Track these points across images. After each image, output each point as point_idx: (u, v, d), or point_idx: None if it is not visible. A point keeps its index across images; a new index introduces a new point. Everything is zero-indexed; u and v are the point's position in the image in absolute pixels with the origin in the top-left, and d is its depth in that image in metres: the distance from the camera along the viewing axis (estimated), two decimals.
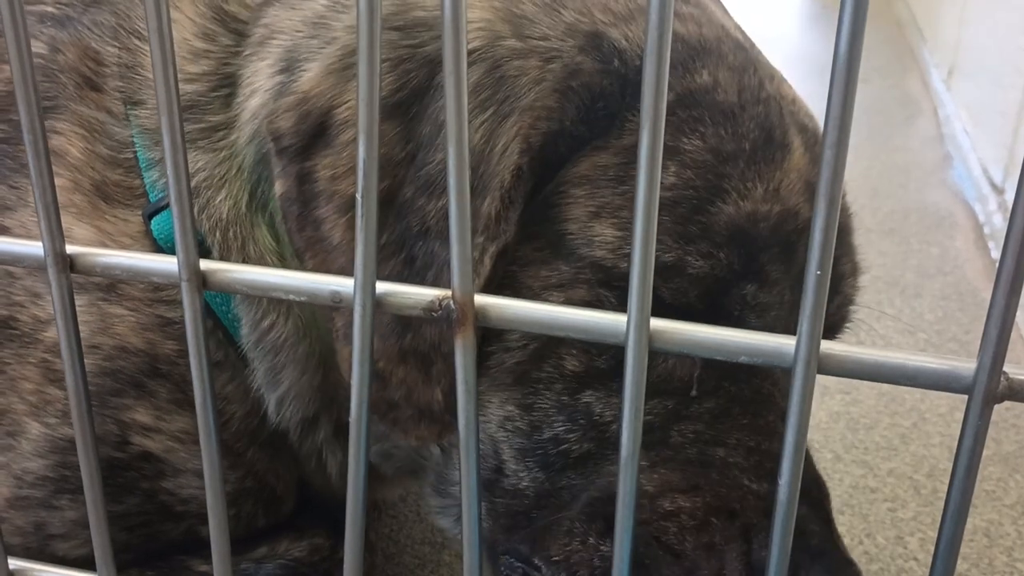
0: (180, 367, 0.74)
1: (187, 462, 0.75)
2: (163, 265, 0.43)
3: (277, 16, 0.74)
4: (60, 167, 0.73)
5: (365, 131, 0.38)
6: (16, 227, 0.72)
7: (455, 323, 0.41)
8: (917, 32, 3.15)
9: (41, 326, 0.72)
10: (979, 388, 0.37)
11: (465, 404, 0.41)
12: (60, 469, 0.73)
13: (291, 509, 0.84)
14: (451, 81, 0.37)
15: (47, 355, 0.72)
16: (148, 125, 0.74)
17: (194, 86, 0.74)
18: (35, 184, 0.43)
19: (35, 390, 0.72)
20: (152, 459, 0.74)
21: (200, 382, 0.44)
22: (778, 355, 0.39)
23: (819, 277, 0.37)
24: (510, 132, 0.61)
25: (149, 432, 0.73)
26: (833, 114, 0.34)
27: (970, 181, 2.00)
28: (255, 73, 0.72)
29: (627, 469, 0.41)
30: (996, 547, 1.05)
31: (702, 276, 0.63)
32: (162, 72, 0.39)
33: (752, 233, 0.63)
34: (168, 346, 0.73)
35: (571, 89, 0.63)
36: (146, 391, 0.73)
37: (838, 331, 0.77)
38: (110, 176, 0.73)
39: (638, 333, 0.39)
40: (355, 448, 0.44)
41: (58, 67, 0.75)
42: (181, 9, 0.76)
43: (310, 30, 0.71)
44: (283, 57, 0.71)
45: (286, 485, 0.82)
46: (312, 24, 0.71)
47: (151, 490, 0.75)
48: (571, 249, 0.63)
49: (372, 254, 0.41)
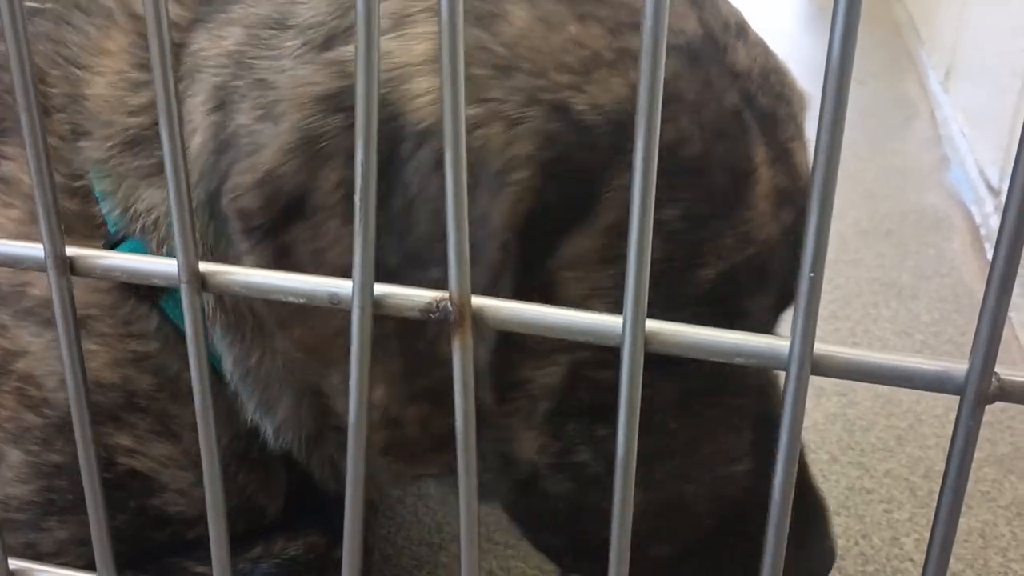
0: (159, 401, 0.73)
1: (171, 483, 0.75)
2: (163, 267, 0.43)
3: (200, 45, 0.71)
4: (13, 197, 0.71)
5: (363, 133, 0.38)
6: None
7: (453, 324, 0.41)
8: (914, 34, 3.16)
9: (11, 357, 0.71)
10: (971, 389, 0.38)
11: (463, 405, 0.42)
12: (45, 493, 0.73)
13: (276, 515, 0.83)
14: (448, 83, 0.37)
15: (20, 383, 0.71)
16: (97, 156, 0.72)
17: (138, 119, 0.71)
18: (35, 185, 0.43)
19: (11, 417, 0.72)
20: (139, 477, 0.74)
21: (200, 383, 0.44)
22: (773, 356, 0.39)
23: (812, 279, 0.37)
24: (491, 204, 0.59)
25: (133, 453, 0.73)
26: (826, 118, 0.34)
27: (967, 183, 2.01)
28: (192, 109, 0.69)
29: (623, 469, 0.42)
30: (991, 548, 1.05)
31: None
32: (161, 74, 0.40)
33: (732, 286, 0.64)
34: (145, 381, 0.73)
35: (548, 162, 0.60)
36: (125, 423, 0.72)
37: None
38: (68, 206, 0.71)
39: (634, 334, 0.40)
40: (354, 449, 0.44)
41: (4, 87, 0.73)
42: (113, 39, 0.74)
43: (234, 68, 0.68)
44: (213, 95, 0.69)
45: (277, 500, 0.82)
46: (236, 62, 0.69)
47: (139, 507, 0.75)
48: None
49: (370, 255, 0.41)
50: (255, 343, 0.71)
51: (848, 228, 1.84)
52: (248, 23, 0.70)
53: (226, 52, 0.69)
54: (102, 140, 0.72)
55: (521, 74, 0.61)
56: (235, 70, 0.68)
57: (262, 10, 0.70)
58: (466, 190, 0.40)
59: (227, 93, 0.68)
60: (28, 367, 0.71)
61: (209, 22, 0.72)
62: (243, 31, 0.69)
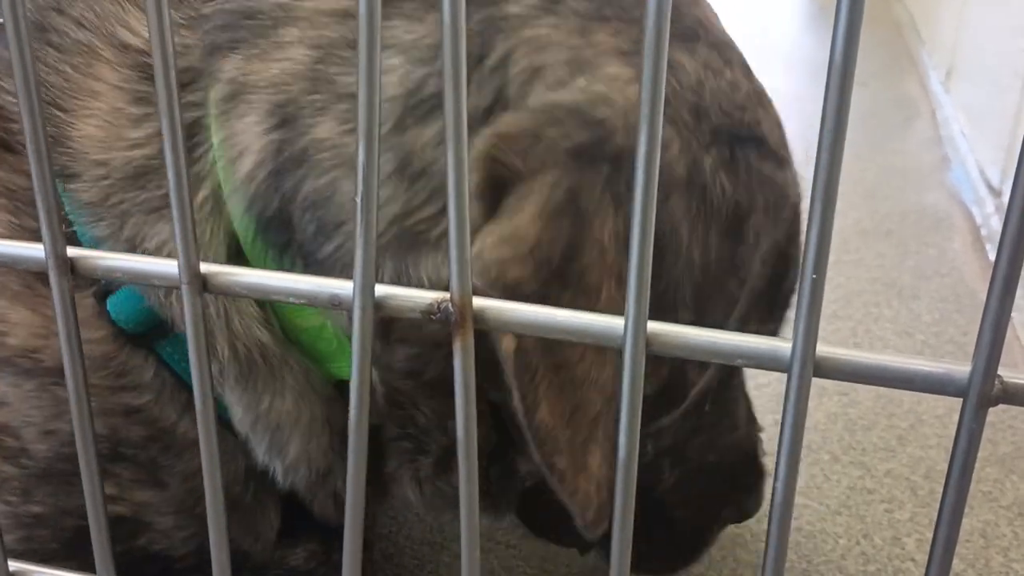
0: (148, 451, 0.71)
1: (155, 525, 0.74)
2: (164, 268, 0.43)
3: (242, 69, 0.67)
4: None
5: (365, 135, 0.38)
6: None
7: (454, 325, 0.41)
8: (915, 34, 3.16)
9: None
10: (973, 391, 0.38)
11: (464, 406, 0.42)
12: (27, 543, 0.72)
13: (261, 556, 0.82)
14: (450, 84, 0.37)
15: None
16: (88, 199, 0.68)
17: (143, 150, 0.68)
18: (36, 186, 0.43)
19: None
20: (124, 520, 0.73)
21: (200, 385, 0.44)
22: (774, 358, 0.39)
23: (815, 281, 0.37)
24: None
25: (116, 500, 0.72)
26: (828, 119, 0.34)
27: (968, 183, 2.01)
28: (240, 131, 0.66)
29: (624, 470, 0.41)
30: (992, 548, 1.05)
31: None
32: (163, 78, 0.40)
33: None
34: (134, 431, 0.71)
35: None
36: (109, 474, 0.70)
37: None
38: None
39: (635, 336, 0.40)
40: (354, 450, 0.44)
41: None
42: (102, 79, 0.70)
43: (306, 84, 0.66)
44: (273, 113, 0.66)
45: (265, 539, 0.81)
46: (308, 79, 0.66)
47: (126, 550, 0.73)
48: None
49: (371, 255, 0.41)
50: (265, 388, 0.70)
51: (849, 228, 1.84)
52: (315, 44, 0.67)
53: (289, 72, 0.66)
54: (93, 181, 0.68)
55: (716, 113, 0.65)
56: (307, 86, 0.66)
57: (331, 32, 0.67)
58: (467, 190, 0.39)
59: (296, 109, 0.65)
60: (5, 418, 0.69)
61: (240, 49, 0.68)
62: (310, 51, 0.67)
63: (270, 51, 0.68)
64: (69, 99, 0.70)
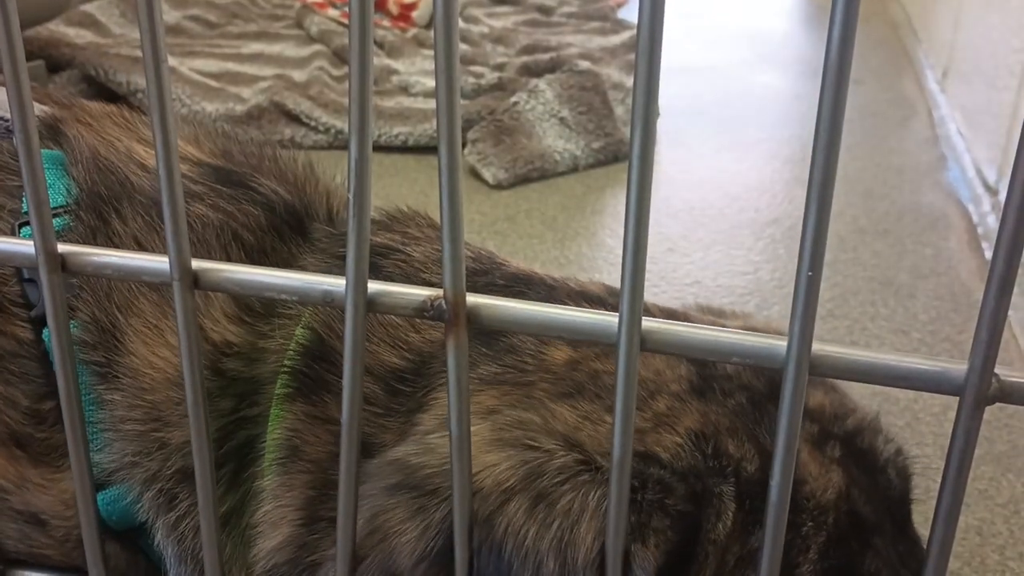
0: None
1: None
2: (153, 264, 0.43)
3: (300, 426, 0.62)
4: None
5: (357, 131, 0.38)
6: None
7: (448, 323, 0.41)
8: (912, 33, 3.16)
9: None
10: (970, 390, 0.37)
11: (457, 405, 0.41)
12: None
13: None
14: (443, 80, 0.37)
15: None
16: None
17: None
18: (26, 183, 0.43)
19: None
20: None
21: (192, 389, 0.44)
22: (770, 356, 0.39)
23: (810, 278, 0.37)
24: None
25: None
26: (824, 117, 0.34)
27: (964, 182, 2.01)
28: (277, 508, 0.61)
29: (619, 471, 0.41)
30: (988, 545, 1.05)
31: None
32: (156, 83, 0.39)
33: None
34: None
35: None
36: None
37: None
38: (32, 432, 0.65)
39: (629, 333, 0.39)
40: (347, 455, 0.44)
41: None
42: None
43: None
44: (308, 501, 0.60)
45: None
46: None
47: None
48: None
49: (364, 253, 0.41)
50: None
51: (846, 227, 1.84)
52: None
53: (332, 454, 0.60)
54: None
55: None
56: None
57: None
58: (460, 188, 0.39)
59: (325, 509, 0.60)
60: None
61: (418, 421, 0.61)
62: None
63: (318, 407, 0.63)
64: None
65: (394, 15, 3.02)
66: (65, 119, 0.73)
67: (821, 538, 0.55)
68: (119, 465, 0.64)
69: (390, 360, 0.60)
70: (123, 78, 2.24)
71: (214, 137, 0.75)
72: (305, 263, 0.67)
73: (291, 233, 0.69)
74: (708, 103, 2.57)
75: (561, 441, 0.52)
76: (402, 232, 0.70)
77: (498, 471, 0.50)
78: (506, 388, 0.57)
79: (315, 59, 2.59)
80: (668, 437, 0.55)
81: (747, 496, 0.54)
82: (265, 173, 0.72)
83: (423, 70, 2.54)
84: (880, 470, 0.60)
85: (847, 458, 0.58)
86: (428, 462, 0.52)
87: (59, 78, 2.27)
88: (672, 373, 0.58)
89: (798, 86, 2.69)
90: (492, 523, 0.49)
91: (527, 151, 2.06)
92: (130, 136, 0.72)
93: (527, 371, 0.58)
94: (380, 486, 0.52)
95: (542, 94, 2.19)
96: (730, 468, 0.54)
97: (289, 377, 0.61)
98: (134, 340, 0.63)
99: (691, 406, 0.57)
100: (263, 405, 0.62)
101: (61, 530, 0.65)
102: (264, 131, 2.20)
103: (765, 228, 1.85)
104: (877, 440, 0.61)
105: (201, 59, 2.51)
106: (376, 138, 2.17)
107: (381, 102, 2.30)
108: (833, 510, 0.55)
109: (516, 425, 0.53)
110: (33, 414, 0.64)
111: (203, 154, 0.72)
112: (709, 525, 0.53)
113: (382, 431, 0.58)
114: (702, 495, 0.53)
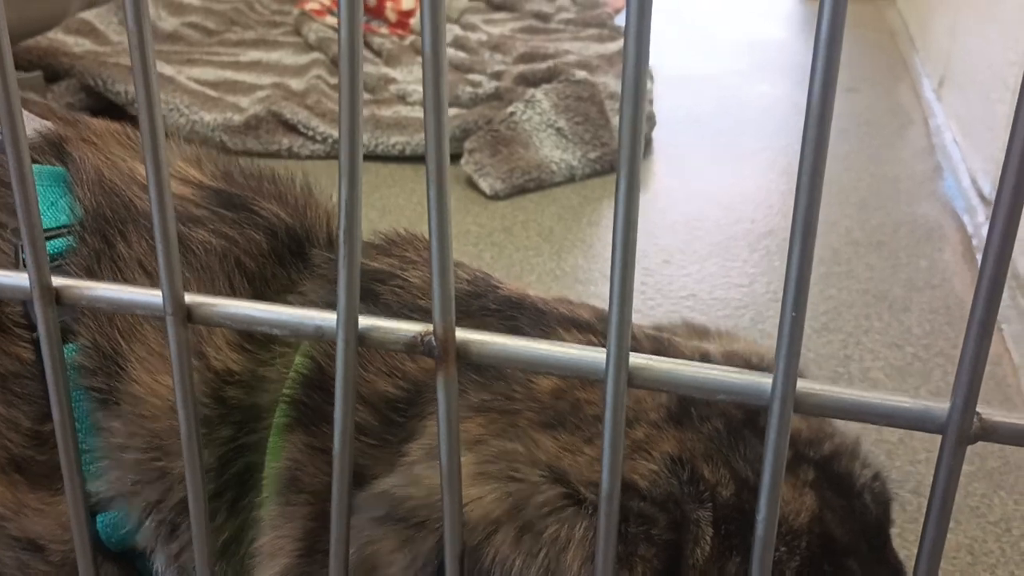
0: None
1: None
2: (147, 298, 0.43)
3: (300, 457, 0.61)
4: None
5: (347, 171, 0.38)
6: None
7: (437, 358, 0.41)
8: (909, 41, 3.17)
9: None
10: (952, 428, 0.38)
11: (447, 440, 0.42)
12: None
13: None
14: (431, 76, 0.37)
15: None
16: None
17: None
18: (20, 215, 0.43)
19: None
20: None
21: (187, 423, 0.44)
22: (755, 393, 0.40)
23: (794, 319, 0.37)
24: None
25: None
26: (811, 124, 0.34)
27: (959, 193, 2.01)
28: (275, 539, 0.61)
29: (607, 504, 0.42)
30: (979, 564, 1.06)
31: None
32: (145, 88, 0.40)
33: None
34: None
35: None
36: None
37: None
38: (33, 455, 0.65)
39: (617, 369, 0.40)
40: (338, 487, 0.44)
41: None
42: None
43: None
44: (307, 532, 0.60)
45: None
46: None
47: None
48: None
49: (355, 288, 0.41)
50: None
51: (840, 239, 1.85)
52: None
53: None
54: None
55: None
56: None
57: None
58: (449, 213, 0.40)
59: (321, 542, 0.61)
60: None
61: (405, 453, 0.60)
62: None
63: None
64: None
65: (392, 22, 3.03)
66: (69, 138, 0.73)
67: (795, 563, 0.55)
68: (118, 492, 0.64)
69: (386, 389, 0.61)
70: (121, 88, 2.24)
71: (215, 158, 0.76)
72: (304, 289, 0.68)
73: (291, 258, 0.70)
74: (705, 113, 2.57)
75: (546, 471, 0.53)
76: (400, 256, 0.70)
77: (484, 503, 0.51)
78: (493, 416, 0.58)
79: (313, 67, 2.59)
80: (644, 464, 0.55)
81: (723, 521, 0.55)
82: (266, 196, 0.72)
83: (420, 78, 2.55)
84: (856, 495, 0.61)
85: (821, 482, 0.59)
86: (414, 494, 0.52)
87: (57, 88, 2.27)
88: (652, 401, 0.59)
89: (795, 95, 2.69)
90: (479, 554, 0.49)
91: (524, 161, 2.07)
92: (134, 157, 0.73)
93: (515, 399, 0.59)
94: (366, 518, 0.52)
95: (539, 104, 2.20)
96: (707, 493, 0.55)
97: (288, 407, 0.62)
98: (136, 367, 0.63)
99: (668, 433, 0.57)
100: (263, 433, 0.63)
101: (59, 555, 0.66)
102: (262, 141, 2.21)
103: (760, 240, 1.86)
104: (854, 465, 0.62)
105: (199, 67, 2.52)
106: (373, 147, 2.17)
107: (378, 111, 2.31)
108: (806, 534, 0.56)
109: (501, 456, 0.54)
110: (35, 435, 0.65)
111: (204, 176, 0.73)
112: (688, 550, 0.53)
113: (375, 463, 0.59)
114: (681, 522, 0.54)
